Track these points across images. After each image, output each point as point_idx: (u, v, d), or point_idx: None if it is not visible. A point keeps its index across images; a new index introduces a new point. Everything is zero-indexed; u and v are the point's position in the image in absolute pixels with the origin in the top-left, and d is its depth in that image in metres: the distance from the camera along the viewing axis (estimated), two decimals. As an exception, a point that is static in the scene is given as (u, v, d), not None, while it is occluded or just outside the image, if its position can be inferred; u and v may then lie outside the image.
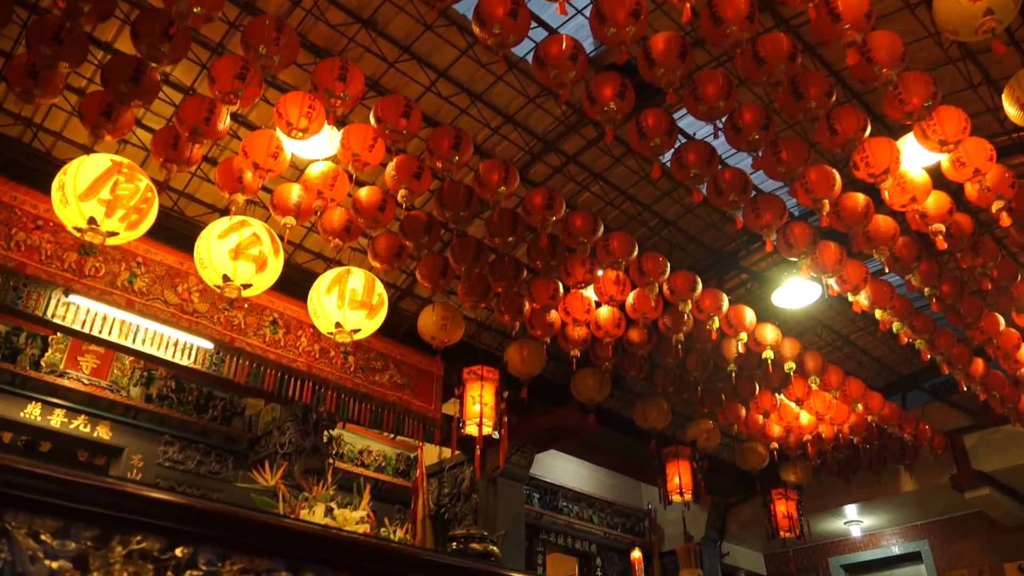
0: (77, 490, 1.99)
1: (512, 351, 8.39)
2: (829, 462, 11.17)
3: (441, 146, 5.76)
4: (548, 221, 6.35)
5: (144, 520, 2.11)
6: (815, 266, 6.87)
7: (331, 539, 2.39)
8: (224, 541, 2.24)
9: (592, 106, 5.32)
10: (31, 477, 1.93)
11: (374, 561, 2.41)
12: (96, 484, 2.02)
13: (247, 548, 2.28)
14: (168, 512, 2.13)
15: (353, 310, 6.58)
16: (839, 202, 6.31)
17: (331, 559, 2.37)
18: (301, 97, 5.46)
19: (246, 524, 2.25)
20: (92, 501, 2.02)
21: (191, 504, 2.17)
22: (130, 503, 2.07)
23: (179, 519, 2.15)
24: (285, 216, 6.26)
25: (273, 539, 2.31)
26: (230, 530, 2.24)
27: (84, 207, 5.51)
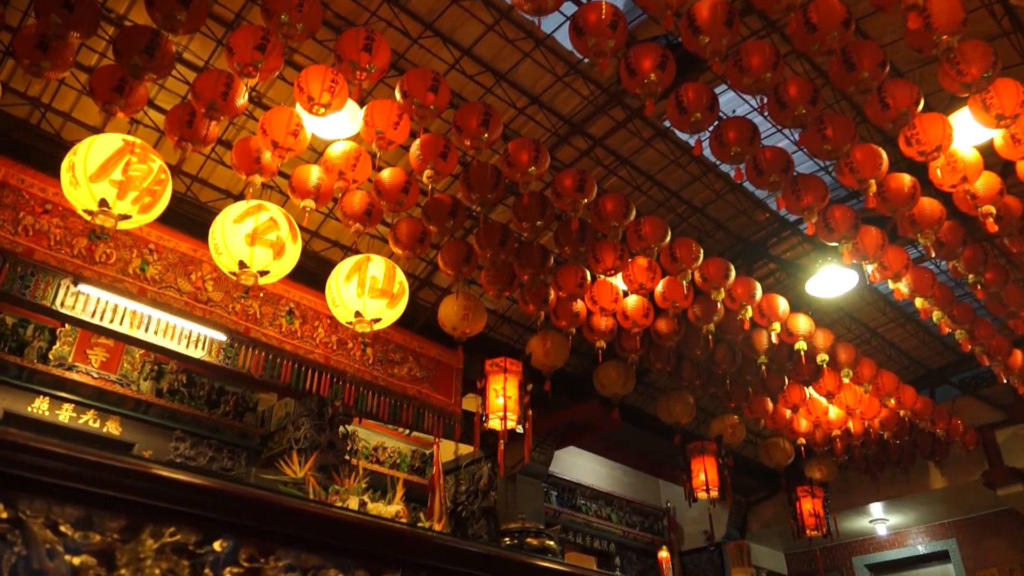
0: (102, 473, 1.72)
1: (535, 343, 8.12)
2: (856, 458, 10.86)
3: (469, 123, 5.48)
4: (579, 204, 6.07)
5: (178, 509, 1.83)
6: (856, 252, 6.56)
7: (398, 534, 2.11)
8: (268, 534, 1.96)
9: (631, 78, 5.04)
10: (49, 458, 1.65)
11: (445, 559, 2.13)
12: (124, 466, 1.74)
13: (293, 542, 2.00)
14: (206, 499, 1.85)
15: (373, 299, 6.30)
16: (884, 183, 6.01)
17: (391, 556, 2.09)
18: (323, 71, 5.18)
19: (295, 515, 1.97)
20: (119, 486, 1.74)
21: (232, 491, 1.89)
22: (163, 489, 1.79)
23: (218, 508, 1.87)
24: (304, 199, 5.98)
25: (323, 532, 2.03)
26: (276, 521, 1.95)
27: (95, 188, 5.24)
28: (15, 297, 6.14)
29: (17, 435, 1.62)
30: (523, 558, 2.29)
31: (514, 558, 2.24)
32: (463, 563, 2.21)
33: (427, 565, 2.16)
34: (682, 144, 7.69)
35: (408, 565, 2.12)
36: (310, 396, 8.17)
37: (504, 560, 2.25)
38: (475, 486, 10.49)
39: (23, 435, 1.63)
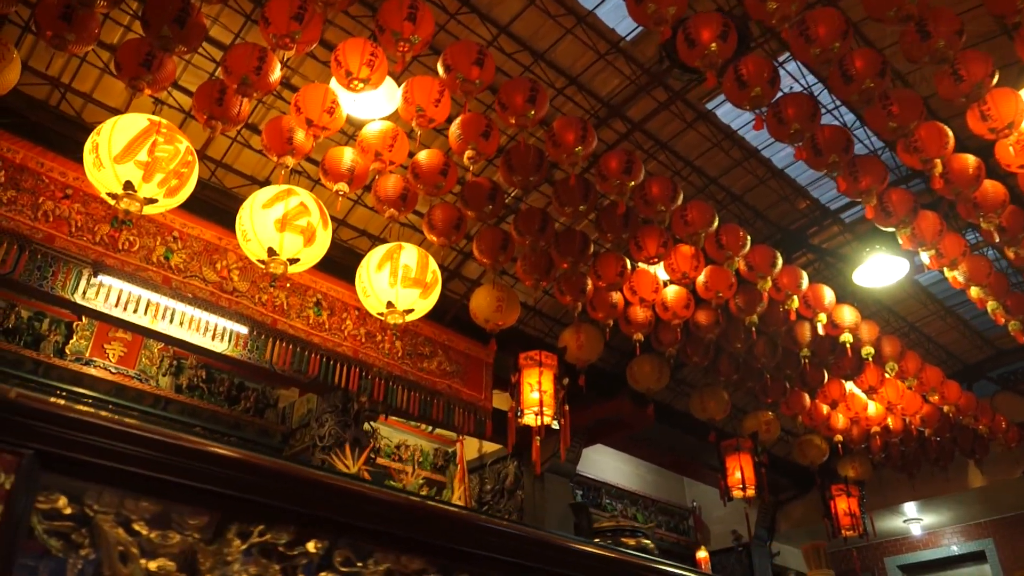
0: (184, 459, 1.42)
1: (568, 336, 7.81)
2: (893, 456, 10.52)
3: (515, 100, 5.18)
4: (626, 187, 5.76)
5: (269, 503, 1.53)
6: (913, 238, 6.25)
7: (516, 536, 1.82)
8: (366, 533, 1.67)
9: (690, 49, 4.73)
10: (122, 440, 1.35)
11: (562, 563, 1.83)
12: (210, 451, 1.45)
13: (392, 542, 1.71)
14: (305, 493, 1.55)
15: (406, 288, 6.02)
16: (947, 164, 5.70)
17: (501, 559, 1.79)
18: (362, 44, 4.89)
19: (401, 512, 1.67)
20: (203, 476, 1.44)
21: (332, 483, 1.59)
22: (255, 480, 1.50)
23: (316, 503, 1.57)
24: (338, 182, 5.69)
25: (426, 532, 1.73)
26: (377, 519, 1.66)
27: (120, 170, 4.97)
28: (33, 288, 5.88)
29: (85, 412, 1.33)
30: (652, 563, 1.99)
31: (640, 562, 1.95)
32: (581, 567, 1.91)
33: (543, 570, 1.87)
34: (724, 128, 7.40)
35: (526, 570, 1.82)
36: (334, 391, 7.88)
37: (627, 564, 1.95)
38: (501, 484, 10.20)
39: (92, 412, 1.34)
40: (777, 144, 7.73)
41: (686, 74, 6.79)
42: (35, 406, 1.27)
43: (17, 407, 1.25)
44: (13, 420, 1.25)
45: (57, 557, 1.32)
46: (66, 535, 1.32)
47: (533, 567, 1.88)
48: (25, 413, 1.26)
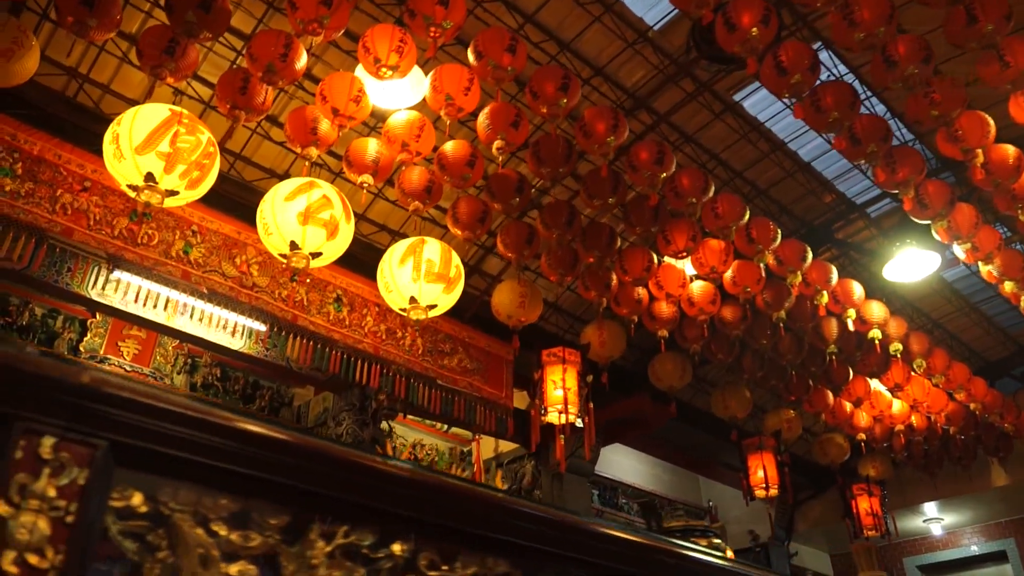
0: (266, 450, 1.28)
1: (591, 332, 7.67)
2: (915, 455, 10.37)
3: (546, 88, 5.04)
4: (657, 179, 5.62)
5: (352, 500, 1.39)
6: (949, 231, 6.10)
7: (609, 537, 1.68)
8: (451, 533, 1.53)
9: (730, 34, 4.59)
10: (200, 428, 1.22)
11: (664, 568, 1.70)
12: (293, 443, 1.31)
13: (479, 542, 1.57)
14: (388, 489, 1.42)
15: (430, 283, 5.88)
16: (987, 154, 5.55)
17: (592, 561, 1.66)
18: (391, 30, 4.76)
19: (491, 509, 1.54)
20: (287, 469, 1.31)
21: (420, 478, 1.45)
22: (339, 474, 1.36)
23: (401, 500, 1.44)
24: (362, 174, 5.55)
25: (512, 531, 1.59)
26: (464, 517, 1.52)
27: (141, 161, 4.84)
28: (48, 284, 5.77)
29: (162, 398, 1.19)
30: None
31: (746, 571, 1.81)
32: (682, 572, 1.77)
33: (634, 573, 1.73)
34: (751, 119, 7.25)
35: (616, 574, 1.68)
36: (351, 390, 7.74)
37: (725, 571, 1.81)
38: (518, 484, 10.04)
39: (170, 398, 1.20)
40: (804, 137, 7.61)
41: (714, 64, 6.66)
42: (109, 391, 1.13)
43: (90, 392, 1.11)
44: (86, 407, 1.11)
45: (132, 560, 1.17)
46: (141, 536, 1.19)
47: (625, 570, 1.75)
48: (99, 399, 1.12)
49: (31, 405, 1.08)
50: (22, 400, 1.07)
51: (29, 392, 1.08)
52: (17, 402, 1.07)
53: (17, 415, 1.07)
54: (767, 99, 7.16)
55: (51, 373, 1.10)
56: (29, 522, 1.04)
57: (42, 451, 1.07)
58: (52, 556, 1.04)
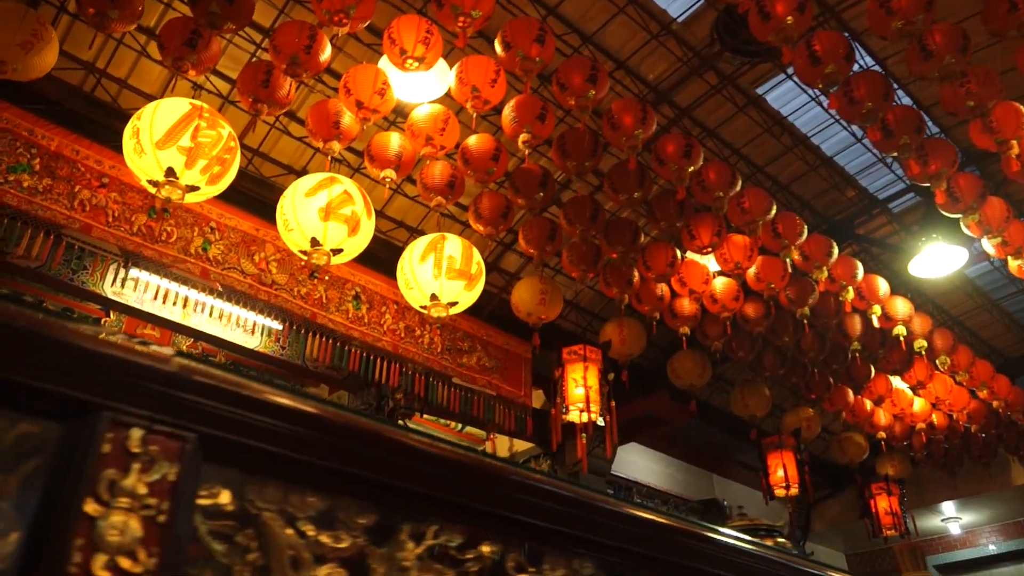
0: (355, 443, 1.19)
1: (611, 330, 7.58)
2: (935, 454, 10.25)
3: (573, 80, 4.95)
4: (685, 172, 5.52)
5: (440, 498, 1.30)
6: (981, 225, 6.00)
7: (706, 539, 1.59)
8: (539, 533, 1.43)
9: (764, 23, 4.49)
10: (291, 420, 1.13)
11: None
12: (383, 434, 1.22)
13: (566, 542, 1.48)
14: (479, 485, 1.32)
15: (451, 280, 5.79)
16: (1021, 145, 5.44)
17: (685, 565, 1.57)
18: (417, 20, 4.67)
19: (580, 508, 1.44)
20: (374, 463, 1.22)
21: (512, 475, 1.36)
22: (430, 469, 1.27)
23: (492, 497, 1.34)
24: (385, 168, 5.47)
25: (606, 531, 1.50)
26: (554, 515, 1.43)
27: (162, 156, 4.76)
28: (64, 283, 5.69)
29: (250, 385, 1.10)
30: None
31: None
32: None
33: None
34: (773, 113, 7.15)
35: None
36: (368, 389, 7.65)
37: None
38: (534, 484, 9.93)
39: (257, 386, 1.11)
40: (826, 131, 7.51)
41: (737, 57, 6.57)
42: (200, 379, 1.04)
43: (180, 380, 1.02)
44: (175, 396, 1.02)
45: (222, 563, 1.08)
46: (230, 537, 1.09)
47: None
48: (188, 387, 1.03)
49: (117, 394, 0.99)
50: (108, 388, 0.98)
51: (115, 380, 0.99)
52: (103, 391, 0.98)
53: (103, 405, 0.97)
54: (790, 93, 7.06)
55: (138, 359, 1.00)
56: (120, 522, 0.94)
57: (130, 444, 0.98)
58: (145, 559, 0.95)
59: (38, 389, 0.95)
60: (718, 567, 1.69)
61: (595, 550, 1.52)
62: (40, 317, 0.96)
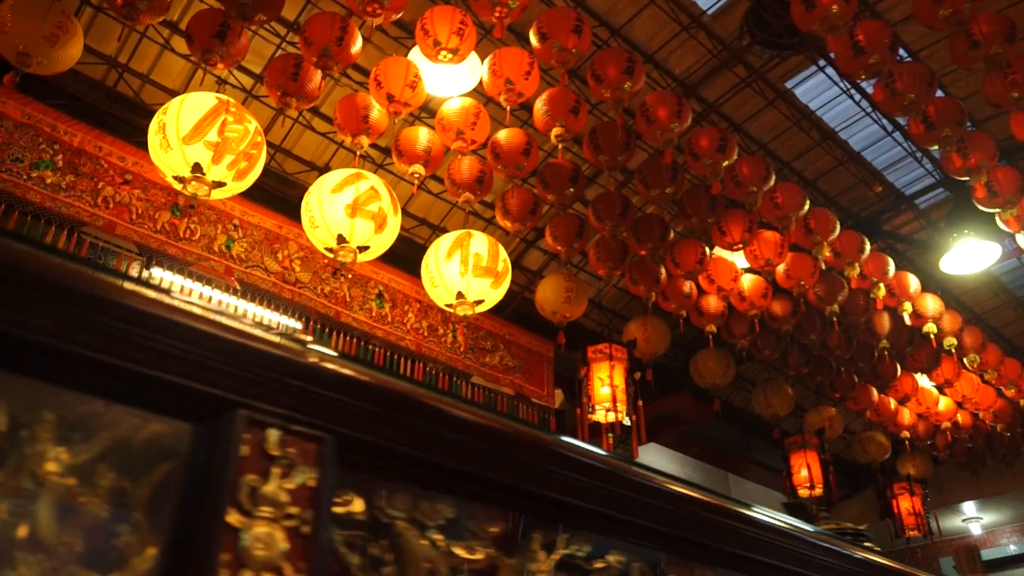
0: (486, 443, 1.09)
1: (635, 329, 7.48)
2: (958, 453, 10.13)
3: (609, 72, 4.84)
4: (719, 167, 5.41)
5: (576, 504, 1.19)
6: (1020, 219, 5.88)
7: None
8: (658, 537, 1.33)
9: (808, 12, 4.38)
10: (426, 417, 1.02)
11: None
12: (513, 433, 1.12)
13: (685, 549, 1.37)
14: (611, 490, 1.22)
15: (478, 277, 5.67)
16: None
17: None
18: (451, 12, 4.56)
19: (712, 513, 1.34)
20: (506, 465, 1.11)
21: (646, 480, 1.26)
22: (570, 475, 1.16)
23: (624, 503, 1.24)
24: (413, 164, 5.36)
25: (733, 539, 1.40)
26: (676, 523, 1.32)
27: (189, 151, 4.66)
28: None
29: (387, 380, 0.99)
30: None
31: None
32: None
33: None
34: (802, 108, 7.04)
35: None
36: (389, 389, 7.55)
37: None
38: (552, 485, 9.84)
39: (394, 381, 1.00)
40: (855, 126, 7.40)
41: (767, 51, 6.46)
42: (339, 373, 0.93)
43: (319, 375, 0.91)
44: (314, 393, 0.91)
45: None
46: (363, 548, 0.99)
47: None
48: (327, 383, 0.92)
49: (254, 390, 0.88)
50: (244, 384, 0.88)
51: (252, 374, 0.88)
52: (239, 386, 0.87)
53: (239, 402, 0.87)
54: (819, 87, 6.95)
55: (276, 351, 0.90)
56: (264, 534, 0.84)
57: (268, 447, 0.87)
58: (292, 575, 0.85)
59: (169, 384, 0.84)
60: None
61: (726, 560, 1.41)
62: (176, 304, 0.86)
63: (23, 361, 0.78)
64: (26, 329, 0.77)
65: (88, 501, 0.80)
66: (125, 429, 0.85)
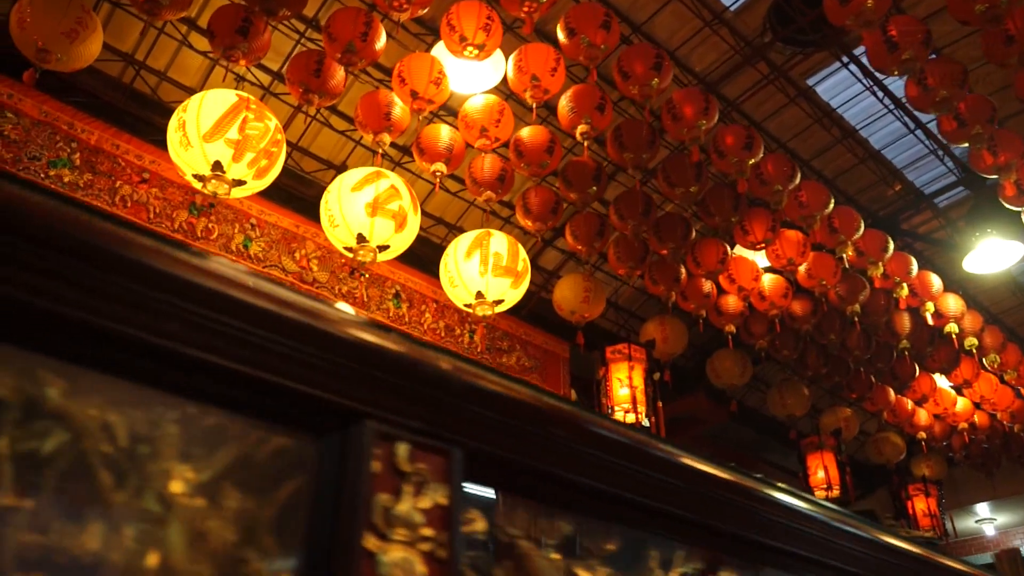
0: (616, 453, 1.01)
1: (652, 329, 7.41)
2: (973, 453, 10.05)
3: (636, 68, 4.76)
4: (745, 165, 5.34)
5: (683, 517, 1.12)
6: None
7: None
8: (773, 555, 1.25)
9: (843, 6, 4.30)
10: (552, 424, 0.94)
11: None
12: (642, 444, 1.04)
13: (796, 566, 1.29)
14: (726, 505, 1.14)
15: (497, 277, 5.59)
16: (1093, 136, 5.26)
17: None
18: (477, 7, 4.48)
19: (824, 529, 1.26)
20: (624, 477, 1.03)
21: (764, 492, 1.18)
22: (687, 487, 1.09)
23: (742, 517, 1.16)
24: (435, 162, 5.28)
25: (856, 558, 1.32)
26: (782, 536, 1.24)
27: (209, 149, 4.57)
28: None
29: (511, 386, 0.92)
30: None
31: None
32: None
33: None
34: (823, 105, 6.96)
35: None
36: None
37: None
38: (565, 486, 9.77)
39: (516, 386, 0.92)
40: (874, 124, 7.32)
41: (789, 47, 6.38)
42: (470, 380, 0.86)
43: (452, 383, 0.84)
44: (444, 402, 0.83)
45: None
46: (488, 571, 0.92)
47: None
48: (458, 391, 0.84)
49: (383, 400, 0.80)
50: (373, 392, 0.80)
51: (381, 381, 0.81)
52: (368, 395, 0.80)
53: (368, 413, 0.79)
54: (840, 84, 6.88)
55: (409, 354, 0.82)
56: (401, 559, 0.76)
57: (399, 462, 0.80)
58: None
59: (293, 392, 0.76)
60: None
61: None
62: (301, 300, 0.78)
63: (146, 370, 0.71)
64: (151, 333, 0.69)
65: (215, 524, 0.73)
66: (247, 444, 0.77)
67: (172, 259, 0.74)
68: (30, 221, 0.62)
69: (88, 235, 0.66)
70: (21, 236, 0.62)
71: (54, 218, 0.64)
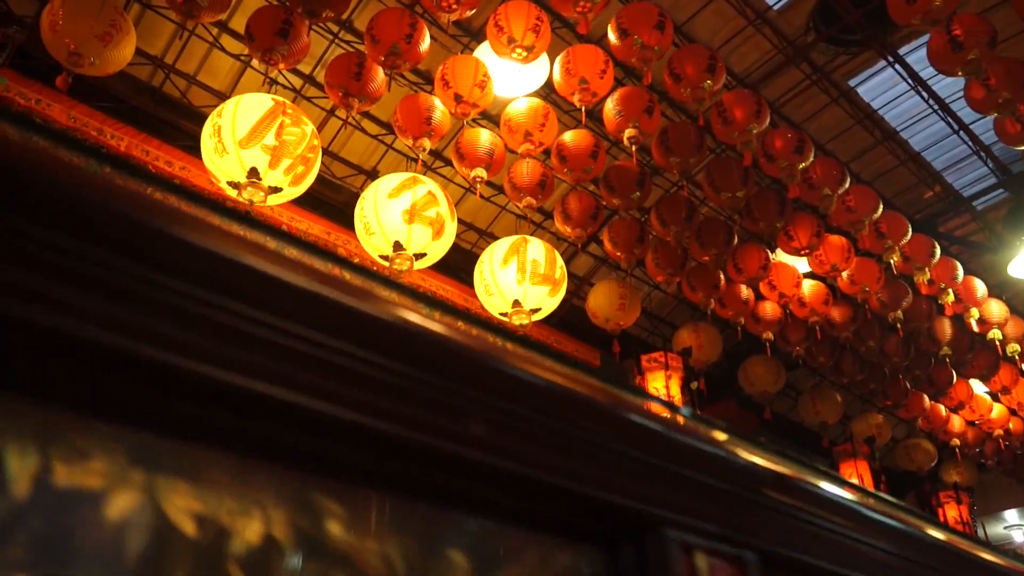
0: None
1: (686, 336, 7.24)
2: (1005, 460, 9.86)
3: (688, 70, 4.60)
4: (795, 169, 5.17)
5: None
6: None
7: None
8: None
9: (909, 5, 4.13)
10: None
11: None
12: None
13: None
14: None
15: (535, 285, 5.42)
16: None
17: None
18: (526, 7, 4.32)
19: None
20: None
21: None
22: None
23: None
24: (475, 167, 5.12)
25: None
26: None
27: (245, 155, 4.42)
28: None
29: (812, 486, 0.75)
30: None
31: None
32: None
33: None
34: (864, 106, 6.79)
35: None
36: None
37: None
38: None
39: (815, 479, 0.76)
40: (915, 126, 7.15)
41: (832, 47, 6.22)
42: (775, 471, 0.69)
43: (752, 475, 0.67)
44: (742, 500, 0.67)
45: None
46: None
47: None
48: (759, 484, 0.68)
49: (683, 502, 0.64)
50: (675, 494, 0.64)
51: (682, 480, 0.64)
52: (668, 498, 0.63)
53: (666, 519, 0.63)
54: (881, 85, 6.71)
55: (706, 443, 0.66)
56: None
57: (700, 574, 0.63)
58: None
59: (586, 499, 0.60)
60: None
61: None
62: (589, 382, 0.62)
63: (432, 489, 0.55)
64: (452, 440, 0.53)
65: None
66: (528, 561, 0.61)
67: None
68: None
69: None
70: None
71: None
